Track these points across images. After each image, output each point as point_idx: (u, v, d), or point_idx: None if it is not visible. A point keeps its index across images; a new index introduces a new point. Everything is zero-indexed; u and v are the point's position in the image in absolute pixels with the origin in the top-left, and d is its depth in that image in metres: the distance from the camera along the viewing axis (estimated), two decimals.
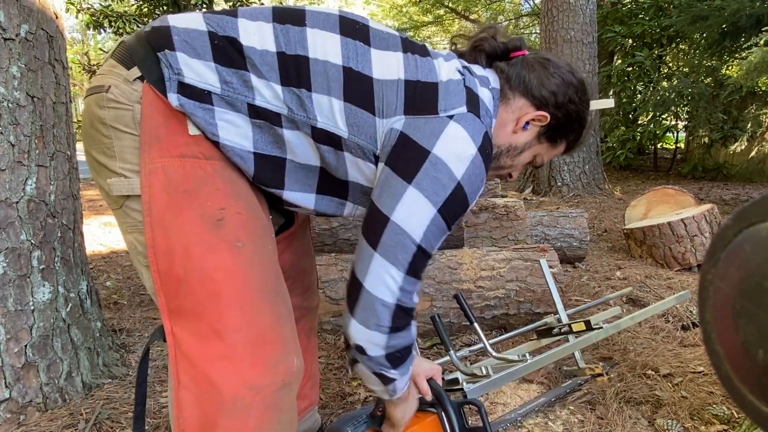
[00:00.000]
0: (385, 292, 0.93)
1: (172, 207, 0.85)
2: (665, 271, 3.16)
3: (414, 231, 0.91)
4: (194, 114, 0.86)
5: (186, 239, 0.85)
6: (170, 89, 0.85)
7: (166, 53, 0.86)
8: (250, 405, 0.85)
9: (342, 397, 1.76)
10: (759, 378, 0.61)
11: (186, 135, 0.87)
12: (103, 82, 0.89)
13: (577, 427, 1.56)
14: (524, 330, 1.86)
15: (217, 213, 0.87)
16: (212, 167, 0.88)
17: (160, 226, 0.86)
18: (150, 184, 0.86)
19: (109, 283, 3.04)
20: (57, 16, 1.73)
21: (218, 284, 0.86)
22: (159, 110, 0.86)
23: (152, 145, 0.86)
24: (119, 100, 0.87)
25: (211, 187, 0.87)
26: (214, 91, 0.87)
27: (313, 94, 0.89)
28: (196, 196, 0.86)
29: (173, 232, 0.86)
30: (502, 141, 1.06)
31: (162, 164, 0.85)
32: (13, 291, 1.55)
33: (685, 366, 1.89)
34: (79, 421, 1.56)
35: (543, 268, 1.90)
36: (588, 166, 6.44)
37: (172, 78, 0.85)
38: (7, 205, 1.54)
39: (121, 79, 0.88)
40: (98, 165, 0.92)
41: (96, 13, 7.74)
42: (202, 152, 0.88)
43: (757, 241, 0.62)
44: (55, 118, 1.70)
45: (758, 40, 5.29)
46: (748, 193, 6.54)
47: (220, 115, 0.87)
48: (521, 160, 1.11)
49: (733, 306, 0.64)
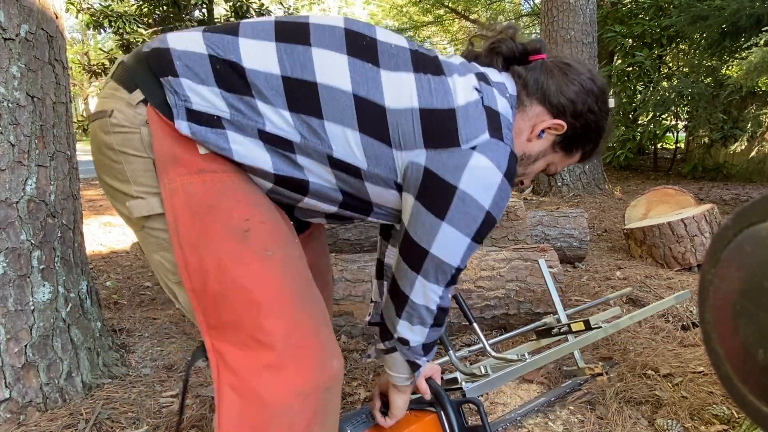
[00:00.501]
0: (429, 301, 1.01)
1: (197, 224, 0.85)
2: (665, 271, 3.16)
3: (453, 259, 0.97)
4: (207, 141, 0.85)
5: (216, 255, 0.85)
6: (178, 116, 0.83)
7: (170, 80, 0.84)
8: (298, 412, 0.85)
9: (342, 397, 1.76)
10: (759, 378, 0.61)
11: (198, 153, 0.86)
12: (106, 106, 0.87)
13: (577, 427, 1.56)
14: (524, 330, 1.86)
15: (243, 224, 0.86)
16: (230, 179, 0.87)
17: (188, 245, 0.85)
18: (173, 205, 0.85)
19: (109, 283, 3.04)
20: (57, 16, 1.73)
21: (254, 294, 0.85)
22: (166, 133, 0.84)
23: (168, 166, 0.84)
24: (123, 124, 0.86)
25: (233, 199, 0.86)
26: (223, 117, 0.85)
27: (326, 122, 0.87)
28: (219, 210, 0.85)
29: (203, 249, 0.85)
30: (517, 149, 1.04)
31: (181, 183, 0.84)
32: (13, 291, 1.55)
33: (685, 366, 1.89)
34: (79, 421, 1.56)
35: (542, 268, 1.91)
36: (588, 166, 6.44)
37: (179, 104, 0.83)
38: (7, 205, 1.54)
39: (123, 103, 0.86)
40: (113, 190, 0.91)
41: (96, 13, 7.73)
42: (220, 166, 0.87)
43: (757, 241, 0.62)
44: (55, 118, 1.70)
45: (758, 40, 5.29)
46: (748, 193, 6.54)
47: (233, 138, 0.86)
48: (534, 168, 1.09)
49: (733, 306, 0.64)
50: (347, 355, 2.05)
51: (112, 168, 0.88)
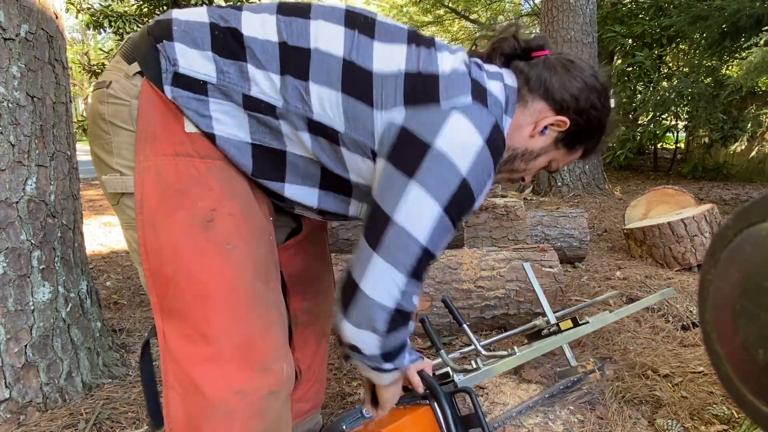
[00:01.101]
0: (384, 296, 0.89)
1: (162, 206, 0.85)
2: (665, 271, 3.16)
3: (419, 233, 0.86)
4: (187, 106, 0.85)
5: (175, 240, 0.85)
6: (165, 81, 0.85)
7: (164, 44, 0.85)
8: (235, 410, 0.85)
9: (342, 397, 1.76)
10: (759, 378, 0.61)
11: (182, 133, 0.86)
12: (106, 77, 0.89)
13: (577, 427, 1.56)
14: (515, 332, 1.87)
15: (208, 214, 0.86)
16: (206, 166, 0.87)
17: (150, 226, 0.85)
18: (142, 182, 0.85)
19: (109, 283, 3.04)
20: (57, 16, 1.73)
21: (205, 287, 0.85)
22: (156, 106, 0.85)
23: (147, 143, 0.85)
24: (118, 95, 0.87)
25: (204, 187, 0.86)
26: (209, 81, 0.85)
27: (311, 84, 0.87)
28: (187, 196, 0.85)
29: (163, 231, 0.85)
30: (518, 144, 1.02)
31: (155, 162, 0.85)
32: (13, 291, 1.55)
33: (685, 366, 1.89)
34: (79, 421, 1.56)
35: (527, 271, 1.92)
36: (588, 166, 6.44)
37: (169, 69, 0.85)
38: (7, 205, 1.54)
39: (122, 74, 0.87)
40: (99, 161, 0.92)
41: (96, 13, 7.73)
42: (198, 151, 0.87)
43: (757, 241, 0.62)
44: (55, 118, 1.70)
45: (758, 40, 5.29)
46: (748, 193, 6.54)
47: (215, 107, 0.86)
48: (536, 164, 1.07)
49: (733, 306, 0.64)
50: None
51: (102, 138, 0.89)
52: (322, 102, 0.87)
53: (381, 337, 0.92)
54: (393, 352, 0.98)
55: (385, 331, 0.92)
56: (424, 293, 2.17)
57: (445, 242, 0.91)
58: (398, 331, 0.94)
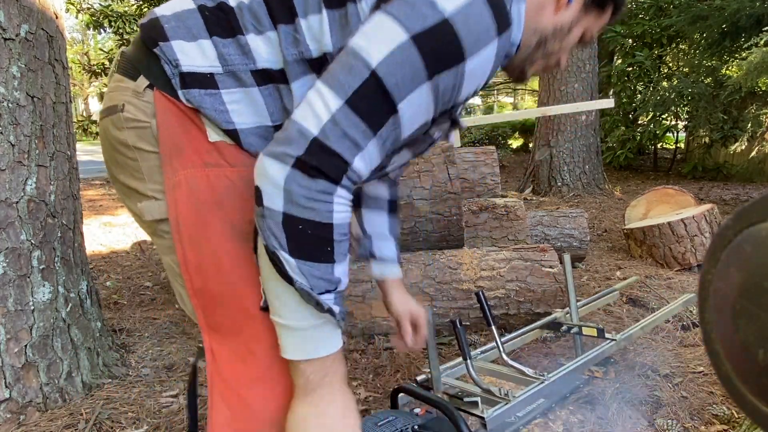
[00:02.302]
0: (308, 117, 0.69)
1: (200, 221, 0.80)
2: (665, 271, 3.16)
3: (370, 53, 0.68)
4: (203, 105, 0.79)
5: (217, 255, 0.81)
6: (176, 86, 0.79)
7: (161, 47, 0.79)
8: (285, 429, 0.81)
9: None
10: (759, 378, 0.61)
11: (206, 142, 0.80)
12: (115, 101, 0.83)
13: (577, 427, 1.56)
14: (532, 327, 1.86)
15: (247, 225, 0.81)
16: (238, 175, 0.81)
17: (189, 243, 0.81)
18: (175, 200, 0.80)
19: (109, 283, 3.04)
20: (57, 16, 1.73)
21: (252, 301, 0.81)
22: (174, 116, 0.80)
23: (173, 157, 0.80)
24: (137, 117, 0.81)
25: (238, 197, 0.81)
26: (215, 71, 0.80)
27: (300, 20, 0.78)
28: (223, 207, 0.80)
29: (203, 247, 0.81)
30: (546, 24, 0.89)
31: (185, 176, 0.79)
32: (13, 291, 1.55)
33: (685, 366, 1.89)
34: (79, 421, 1.56)
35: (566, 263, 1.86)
36: (588, 166, 6.44)
37: (174, 73, 0.79)
38: (7, 205, 1.54)
39: (130, 94, 0.82)
40: (129, 190, 0.86)
41: (96, 13, 7.73)
42: (227, 159, 0.81)
43: (757, 241, 0.62)
44: (55, 118, 1.70)
45: (758, 40, 5.29)
46: (748, 193, 6.54)
47: (227, 97, 0.80)
48: (570, 40, 0.95)
49: (733, 306, 0.64)
50: (347, 354, 2.04)
51: (128, 165, 0.84)
52: (314, 33, 0.78)
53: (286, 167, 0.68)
54: (299, 223, 0.69)
55: (295, 160, 0.68)
56: (424, 293, 2.17)
57: (407, 87, 0.70)
58: (314, 177, 0.68)
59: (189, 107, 0.80)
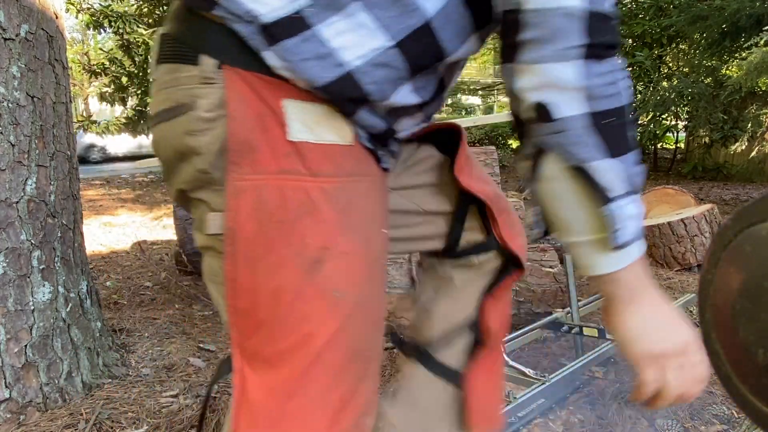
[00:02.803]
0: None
1: (262, 240, 0.66)
2: (665, 271, 3.16)
3: None
4: (304, 57, 0.61)
5: (275, 283, 0.67)
6: (262, 46, 0.61)
7: (223, 3, 0.60)
8: None
9: None
10: (759, 378, 0.61)
11: (284, 141, 0.63)
12: (177, 99, 0.64)
13: (577, 427, 1.56)
14: (532, 327, 1.86)
15: (317, 253, 0.67)
16: (320, 190, 0.65)
17: (245, 261, 0.67)
18: (237, 207, 0.64)
19: (109, 283, 3.04)
20: (57, 16, 1.73)
21: (303, 339, 0.70)
22: (248, 104, 0.62)
23: (243, 156, 0.63)
24: (216, 113, 0.62)
25: (315, 218, 0.66)
26: (303, 6, 0.61)
27: None
28: (294, 228, 0.66)
29: (261, 271, 0.67)
30: None
31: (254, 182, 0.63)
32: (13, 291, 1.55)
33: None
34: (79, 421, 1.56)
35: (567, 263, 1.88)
36: None
37: (254, 30, 0.60)
38: (7, 205, 1.54)
39: (196, 83, 0.63)
40: (198, 201, 0.71)
41: (96, 13, 7.73)
42: (308, 166, 0.64)
43: (757, 241, 0.62)
44: (55, 118, 1.70)
45: (758, 40, 5.29)
46: (748, 193, 6.54)
47: (329, 31, 0.62)
48: None
49: (733, 306, 0.64)
50: None
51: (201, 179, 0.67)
52: None
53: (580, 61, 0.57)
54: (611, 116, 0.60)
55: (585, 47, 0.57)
56: None
57: None
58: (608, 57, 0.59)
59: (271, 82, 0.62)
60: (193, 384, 1.82)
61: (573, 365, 1.52)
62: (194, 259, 2.87)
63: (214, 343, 2.18)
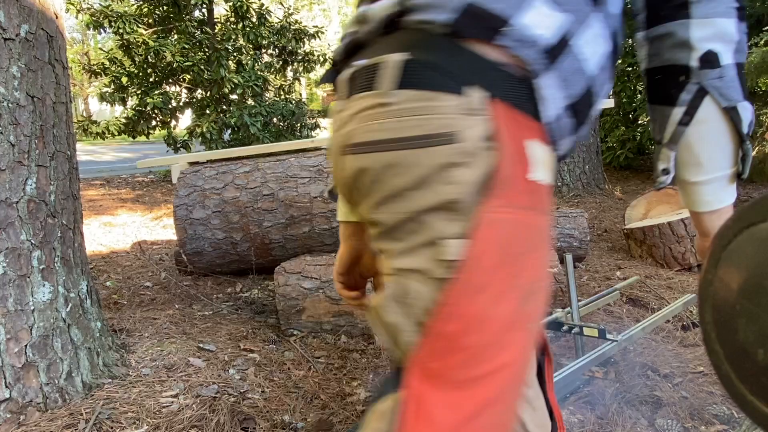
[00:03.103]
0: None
1: (501, 272, 0.66)
2: (665, 271, 3.16)
3: None
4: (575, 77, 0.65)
5: (497, 313, 0.67)
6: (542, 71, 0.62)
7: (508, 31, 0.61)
8: None
9: (342, 398, 1.76)
10: (759, 378, 0.61)
11: (525, 178, 0.64)
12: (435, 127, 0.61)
13: (577, 427, 1.56)
14: None
15: (532, 285, 0.69)
16: (546, 224, 0.69)
17: (473, 290, 0.65)
18: (486, 238, 0.63)
19: (109, 283, 3.04)
20: (57, 16, 1.73)
21: (497, 367, 0.70)
22: (512, 139, 0.63)
23: (501, 188, 0.63)
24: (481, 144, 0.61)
25: (540, 252, 0.69)
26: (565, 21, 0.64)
27: None
28: (525, 262, 0.67)
29: (483, 298, 0.66)
30: None
31: (503, 216, 0.63)
32: (13, 291, 1.55)
33: (685, 366, 1.89)
34: (79, 421, 1.56)
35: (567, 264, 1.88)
36: (588, 166, 6.45)
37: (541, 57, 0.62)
38: (7, 205, 1.54)
39: (458, 112, 0.60)
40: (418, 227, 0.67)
41: (96, 13, 7.73)
42: (538, 204, 0.67)
43: (757, 241, 0.62)
44: (55, 118, 1.70)
45: (758, 40, 5.29)
46: (748, 193, 6.54)
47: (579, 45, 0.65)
48: None
49: (733, 306, 0.64)
50: (347, 354, 2.05)
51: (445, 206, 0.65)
52: None
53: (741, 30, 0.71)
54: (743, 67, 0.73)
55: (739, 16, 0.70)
56: None
57: None
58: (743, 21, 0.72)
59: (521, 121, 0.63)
60: (193, 384, 1.82)
61: (573, 365, 1.53)
62: (194, 259, 2.87)
63: (214, 343, 2.18)
